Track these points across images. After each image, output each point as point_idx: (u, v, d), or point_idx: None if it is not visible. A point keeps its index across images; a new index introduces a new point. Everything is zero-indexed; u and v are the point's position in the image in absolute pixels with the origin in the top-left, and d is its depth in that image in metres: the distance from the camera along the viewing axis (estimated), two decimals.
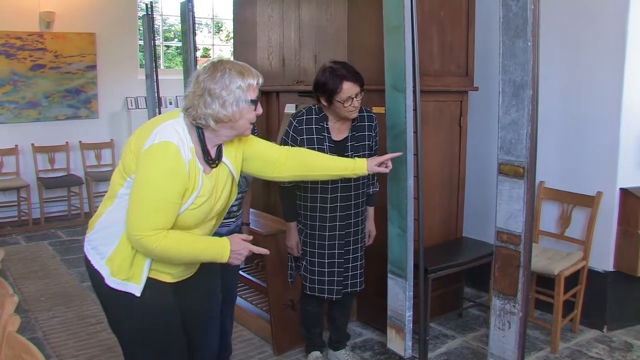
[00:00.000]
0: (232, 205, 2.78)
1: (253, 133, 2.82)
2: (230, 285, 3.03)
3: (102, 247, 2.04)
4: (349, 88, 2.81)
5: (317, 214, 3.00)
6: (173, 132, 1.95)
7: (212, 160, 2.07)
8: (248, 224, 3.13)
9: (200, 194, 2.01)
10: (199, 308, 2.36)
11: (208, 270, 2.34)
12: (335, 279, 3.05)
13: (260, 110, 2.08)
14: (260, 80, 2.07)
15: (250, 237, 2.18)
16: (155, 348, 2.13)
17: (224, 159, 2.14)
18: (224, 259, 2.08)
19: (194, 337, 2.34)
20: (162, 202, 1.91)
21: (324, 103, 2.90)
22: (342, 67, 2.86)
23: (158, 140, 1.90)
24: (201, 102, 1.95)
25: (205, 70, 2.00)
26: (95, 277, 2.05)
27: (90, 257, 2.06)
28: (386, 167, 2.61)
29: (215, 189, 2.10)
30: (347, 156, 2.93)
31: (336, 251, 3.03)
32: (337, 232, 3.01)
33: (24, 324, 3.89)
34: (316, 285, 3.07)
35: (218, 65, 1.99)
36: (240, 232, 2.99)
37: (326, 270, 3.04)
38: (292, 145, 2.92)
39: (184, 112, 2.02)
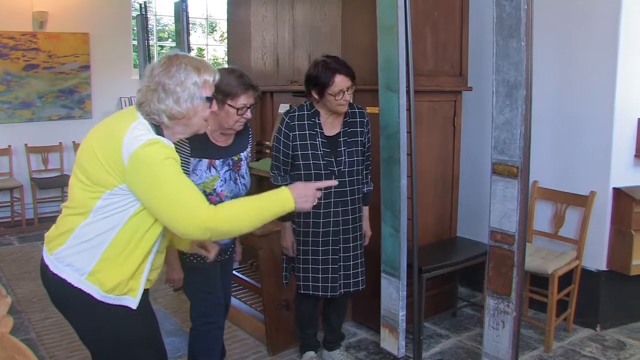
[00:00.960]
0: None
1: (248, 135, 2.84)
2: (226, 292, 3.02)
3: (78, 264, 1.91)
4: (340, 81, 2.84)
5: (311, 211, 3.00)
6: (145, 131, 1.86)
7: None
8: None
9: None
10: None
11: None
12: (330, 275, 3.04)
13: (215, 107, 2.03)
14: (217, 77, 2.00)
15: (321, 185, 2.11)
16: (156, 347, 2.13)
17: None
18: (291, 204, 1.98)
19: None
20: (186, 183, 1.85)
21: (316, 96, 2.92)
22: (335, 61, 2.89)
23: (137, 144, 1.80)
24: (154, 97, 1.88)
25: (160, 64, 1.91)
26: (76, 296, 1.91)
27: (65, 276, 1.91)
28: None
29: None
30: (340, 152, 2.97)
31: (330, 247, 3.02)
32: (331, 229, 3.01)
33: (17, 325, 3.87)
34: (310, 283, 3.06)
35: (174, 60, 1.91)
36: (236, 239, 2.99)
37: (320, 267, 3.03)
38: (284, 142, 2.95)
39: (138, 109, 1.93)
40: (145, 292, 2.06)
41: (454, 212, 4.04)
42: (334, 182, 2.25)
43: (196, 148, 2.58)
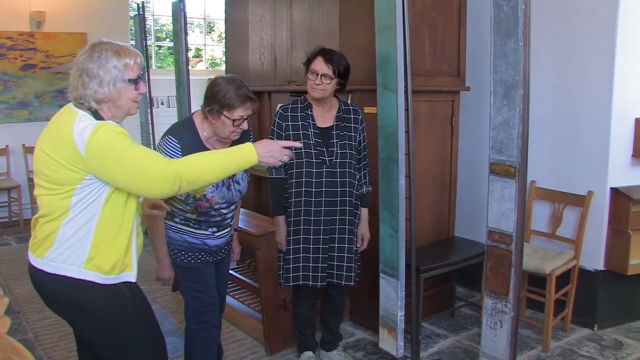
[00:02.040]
0: (227, 219, 2.78)
1: (249, 139, 2.83)
2: (222, 293, 3.02)
3: (73, 257, 1.99)
4: (318, 63, 2.95)
5: (302, 208, 3.00)
6: (89, 120, 1.93)
7: None
8: (237, 230, 3.12)
9: None
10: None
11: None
12: (320, 265, 3.03)
13: (144, 89, 2.08)
14: (139, 60, 2.05)
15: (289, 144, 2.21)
16: (152, 333, 2.21)
17: None
18: (254, 157, 2.08)
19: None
20: (140, 149, 1.94)
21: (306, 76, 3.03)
22: (331, 51, 3.01)
23: (87, 133, 1.88)
24: (79, 82, 1.95)
25: (85, 51, 1.99)
26: (79, 287, 2.00)
27: (63, 272, 1.99)
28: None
29: None
30: (332, 143, 3.00)
31: (321, 237, 3.01)
32: (322, 218, 3.01)
33: (15, 325, 3.87)
34: (301, 273, 3.04)
35: (96, 46, 1.98)
36: (232, 239, 2.98)
37: (311, 256, 3.02)
38: (277, 133, 3.02)
39: (73, 103, 2.00)
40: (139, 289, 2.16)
41: (451, 212, 4.04)
42: (298, 144, 2.28)
43: (188, 152, 2.52)
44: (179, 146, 2.53)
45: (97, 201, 1.97)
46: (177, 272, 2.75)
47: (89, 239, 1.98)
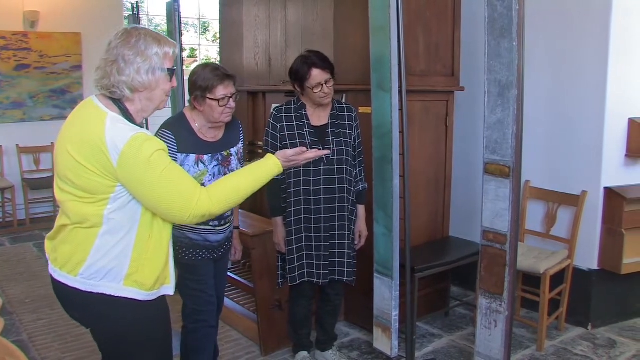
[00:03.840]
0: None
1: (239, 130, 2.85)
2: (220, 292, 3.03)
3: (112, 273, 1.86)
4: (317, 75, 2.91)
5: (302, 207, 3.00)
6: (122, 125, 1.81)
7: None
8: (237, 227, 3.12)
9: None
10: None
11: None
12: (322, 262, 3.03)
13: (175, 82, 1.97)
14: (177, 51, 1.97)
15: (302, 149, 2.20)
16: (165, 342, 2.11)
17: None
18: (279, 167, 2.07)
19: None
20: (176, 172, 1.84)
21: (298, 89, 3.01)
22: (314, 55, 2.97)
23: (122, 144, 1.75)
24: (114, 69, 1.83)
25: (118, 36, 1.86)
26: (119, 305, 1.88)
27: (102, 290, 1.86)
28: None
29: None
30: (328, 141, 2.99)
31: (322, 234, 3.02)
32: (322, 225, 3.01)
33: (9, 326, 3.85)
34: (305, 270, 3.04)
35: (132, 32, 1.86)
36: (232, 236, 2.99)
37: (314, 253, 3.03)
38: (272, 134, 3.01)
39: (97, 98, 1.88)
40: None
41: (446, 212, 4.05)
42: (326, 152, 2.30)
43: (183, 144, 2.61)
44: (173, 138, 2.60)
45: (134, 210, 1.86)
46: (177, 269, 2.75)
47: (129, 253, 1.86)
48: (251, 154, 4.59)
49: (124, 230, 1.85)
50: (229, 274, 3.96)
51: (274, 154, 2.11)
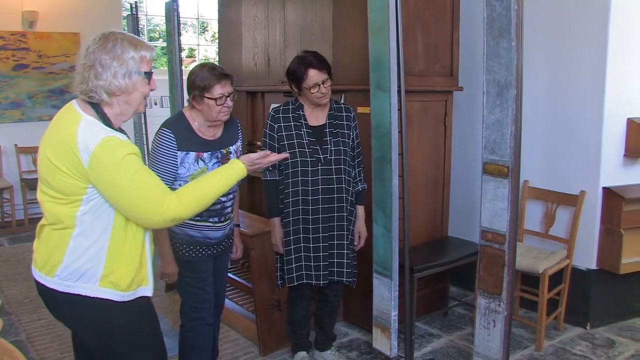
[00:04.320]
0: (226, 207, 2.79)
1: (237, 129, 2.87)
2: (220, 290, 3.03)
3: (87, 275, 1.89)
4: (314, 75, 2.92)
5: (300, 207, 3.00)
6: (96, 127, 1.84)
7: (126, 134, 2.00)
8: (238, 225, 3.13)
9: None
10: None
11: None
12: (322, 263, 3.03)
13: (154, 85, 1.99)
14: (154, 54, 1.99)
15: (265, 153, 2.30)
16: (160, 347, 2.15)
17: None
18: (244, 172, 2.13)
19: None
20: (147, 176, 1.87)
21: (295, 90, 3.01)
22: (311, 55, 2.97)
23: (93, 145, 1.78)
24: (92, 73, 1.85)
25: (96, 41, 1.88)
26: (95, 306, 1.91)
27: (78, 291, 1.89)
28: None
29: None
30: (326, 141, 3.00)
31: (320, 235, 3.01)
32: (320, 226, 3.00)
33: (7, 326, 3.85)
34: (304, 272, 3.04)
35: (109, 36, 1.88)
36: (232, 234, 3.00)
37: (312, 255, 3.02)
38: (270, 135, 3.02)
39: (76, 103, 1.91)
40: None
41: (445, 212, 4.05)
42: (285, 155, 2.44)
43: (183, 142, 2.64)
44: (173, 136, 2.62)
45: (107, 213, 1.88)
46: (177, 266, 2.79)
47: (103, 254, 1.89)
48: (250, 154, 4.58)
49: (97, 233, 1.89)
50: (228, 274, 3.97)
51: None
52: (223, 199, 2.75)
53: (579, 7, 3.70)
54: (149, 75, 1.94)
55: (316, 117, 3.05)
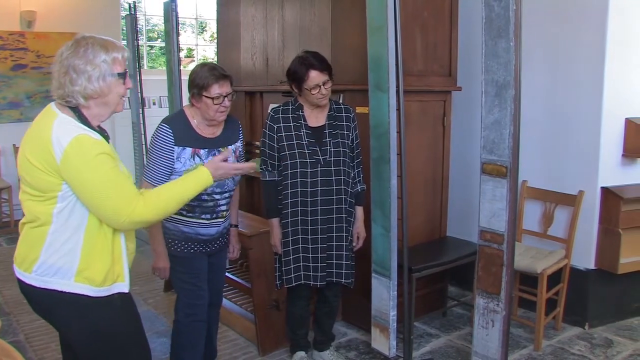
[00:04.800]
0: (220, 205, 2.79)
1: (238, 131, 2.87)
2: (217, 288, 3.04)
3: (62, 270, 1.93)
4: (315, 76, 2.92)
5: (299, 209, 3.00)
6: (70, 126, 1.89)
7: (106, 133, 2.05)
8: (236, 226, 3.13)
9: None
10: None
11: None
12: (320, 264, 3.02)
13: (129, 84, 2.04)
14: (126, 54, 2.02)
15: (226, 155, 2.31)
16: (143, 343, 2.15)
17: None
18: (210, 179, 2.13)
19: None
20: (117, 177, 1.90)
21: (296, 90, 3.01)
22: (312, 56, 2.96)
23: (66, 142, 1.84)
24: (67, 79, 1.90)
25: (68, 47, 1.93)
26: (70, 301, 1.95)
27: (53, 286, 1.94)
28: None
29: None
30: (325, 142, 3.00)
31: (319, 236, 3.01)
32: (319, 227, 3.00)
33: (5, 327, 3.85)
34: (302, 272, 3.03)
35: (81, 41, 1.93)
36: (228, 233, 3.00)
37: (310, 255, 3.02)
38: (269, 135, 3.01)
39: (54, 104, 1.97)
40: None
41: (443, 212, 4.05)
42: (249, 166, 2.39)
43: (181, 137, 2.68)
44: (170, 131, 2.66)
45: (82, 209, 1.92)
46: (170, 261, 2.81)
47: (78, 250, 1.93)
48: (248, 154, 4.58)
49: (72, 229, 1.92)
50: (226, 274, 3.96)
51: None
52: (217, 196, 2.77)
53: (577, 8, 3.71)
54: (123, 75, 1.99)
55: (316, 118, 3.05)
